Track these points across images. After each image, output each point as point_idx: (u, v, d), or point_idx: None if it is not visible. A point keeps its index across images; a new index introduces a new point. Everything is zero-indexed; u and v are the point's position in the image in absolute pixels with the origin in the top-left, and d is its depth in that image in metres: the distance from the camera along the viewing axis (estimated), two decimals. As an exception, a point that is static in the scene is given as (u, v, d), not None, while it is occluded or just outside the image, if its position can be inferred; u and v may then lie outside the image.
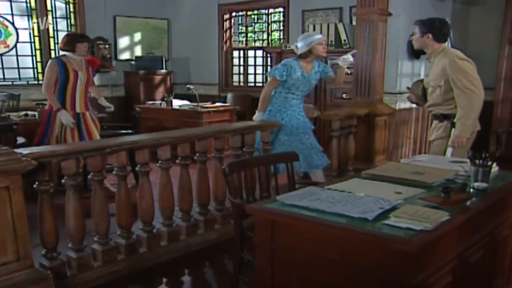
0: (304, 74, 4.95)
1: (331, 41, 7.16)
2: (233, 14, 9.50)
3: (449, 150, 4.08)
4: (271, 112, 5.05)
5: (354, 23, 6.73)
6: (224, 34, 9.49)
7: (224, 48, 9.52)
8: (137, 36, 9.61)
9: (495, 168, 2.87)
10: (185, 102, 7.90)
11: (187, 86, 7.86)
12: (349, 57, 4.99)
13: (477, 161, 2.60)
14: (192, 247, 4.10)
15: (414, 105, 6.67)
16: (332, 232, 2.08)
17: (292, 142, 4.94)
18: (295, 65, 4.94)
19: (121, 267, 3.63)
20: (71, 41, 5.37)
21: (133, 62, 9.41)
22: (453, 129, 4.07)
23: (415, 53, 6.48)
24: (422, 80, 4.50)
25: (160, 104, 8.00)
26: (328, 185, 2.71)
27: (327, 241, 2.09)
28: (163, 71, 9.43)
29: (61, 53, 5.43)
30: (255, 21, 9.56)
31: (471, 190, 2.55)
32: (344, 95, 6.92)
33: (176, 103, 7.81)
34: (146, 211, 3.82)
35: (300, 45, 4.95)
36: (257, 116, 5.13)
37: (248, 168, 3.26)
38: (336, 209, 2.21)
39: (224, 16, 9.41)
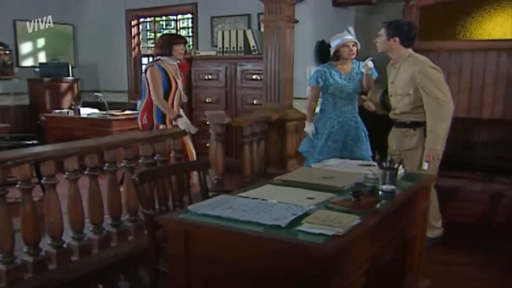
0: (344, 76, 4.78)
1: (240, 48, 7.21)
2: (141, 20, 9.34)
3: (426, 164, 3.91)
4: (321, 120, 4.90)
5: (262, 29, 6.82)
6: (132, 40, 9.31)
7: (133, 55, 9.34)
8: (41, 42, 9.22)
9: (401, 170, 2.98)
10: (94, 110, 7.70)
11: (95, 93, 7.65)
12: (368, 64, 4.60)
13: (384, 164, 2.70)
14: (106, 260, 3.98)
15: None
16: (246, 240, 2.09)
17: (341, 150, 4.78)
18: (329, 68, 4.81)
19: (29, 287, 3.46)
20: (168, 43, 4.85)
21: (37, 69, 9.01)
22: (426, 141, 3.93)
23: (323, 59, 6.64)
24: (380, 87, 4.42)
25: (68, 112, 7.74)
26: (240, 192, 2.71)
27: (241, 250, 2.09)
28: (70, 78, 9.10)
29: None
30: (164, 27, 9.46)
31: (380, 193, 2.63)
32: (254, 101, 6.97)
33: (84, 111, 7.59)
34: (54, 225, 3.66)
35: (331, 47, 4.82)
36: (307, 127, 5.02)
37: (160, 177, 3.22)
38: (249, 217, 2.22)
39: (132, 22, 9.23)
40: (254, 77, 7.00)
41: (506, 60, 6.27)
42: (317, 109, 5.07)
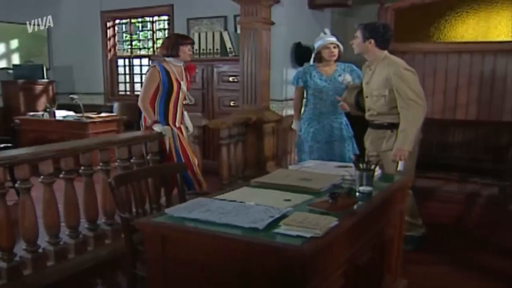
0: (325, 78, 4.77)
1: (217, 49, 7.21)
2: (117, 21, 9.29)
3: (401, 164, 3.91)
4: (303, 121, 4.94)
5: (239, 31, 6.82)
6: (108, 42, 9.25)
7: (109, 56, 9.27)
8: (14, 43, 9.10)
9: (378, 171, 3.00)
10: (69, 112, 7.62)
11: (71, 96, 7.58)
12: (346, 78, 4.66)
13: (360, 166, 2.71)
14: (83, 265, 3.92)
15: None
16: (223, 243, 2.08)
17: (326, 150, 4.78)
18: (310, 70, 4.82)
19: (3, 292, 3.41)
20: (175, 43, 4.60)
21: (10, 71, 8.90)
22: (397, 140, 3.93)
23: (299, 61, 6.66)
24: (355, 88, 4.40)
25: (43, 115, 7.64)
26: (218, 194, 2.71)
27: (219, 253, 2.08)
28: (45, 80, 9.00)
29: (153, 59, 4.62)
30: (140, 29, 9.41)
31: (357, 194, 2.64)
32: (231, 103, 6.97)
33: (60, 114, 7.51)
34: (29, 230, 3.59)
35: (315, 48, 4.80)
36: (294, 125, 5.14)
37: (136, 180, 3.18)
38: (227, 220, 2.21)
39: (107, 23, 9.17)
40: (231, 79, 7.00)
41: (479, 62, 6.37)
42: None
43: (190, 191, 4.25)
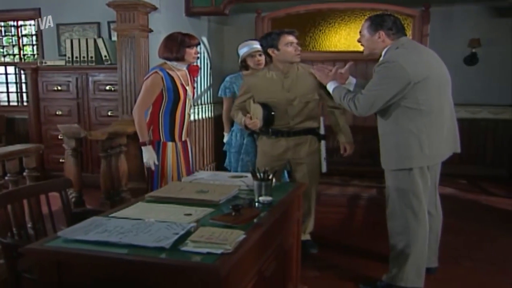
0: None
1: (91, 57, 6.89)
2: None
3: (324, 166, 4.23)
4: (233, 132, 4.65)
5: (114, 38, 6.59)
6: (-35, 48, 8.51)
7: (-33, 64, 8.53)
8: None
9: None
10: None
11: None
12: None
13: (258, 176, 2.69)
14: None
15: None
16: (129, 267, 1.94)
17: (253, 162, 4.35)
18: (237, 79, 4.58)
19: None
20: (180, 45, 3.96)
21: None
22: (342, 137, 4.21)
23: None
24: (256, 102, 4.13)
25: None
26: (113, 213, 2.54)
27: (124, 276, 1.94)
28: None
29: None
30: (3, 34, 8.76)
31: (257, 204, 2.61)
32: (109, 113, 6.71)
33: None
34: None
35: (239, 56, 4.54)
36: (225, 138, 4.92)
37: (16, 200, 2.92)
38: (128, 240, 2.06)
39: (-38, 27, 8.42)
40: (107, 88, 6.74)
41: (352, 70, 6.67)
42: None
43: None
